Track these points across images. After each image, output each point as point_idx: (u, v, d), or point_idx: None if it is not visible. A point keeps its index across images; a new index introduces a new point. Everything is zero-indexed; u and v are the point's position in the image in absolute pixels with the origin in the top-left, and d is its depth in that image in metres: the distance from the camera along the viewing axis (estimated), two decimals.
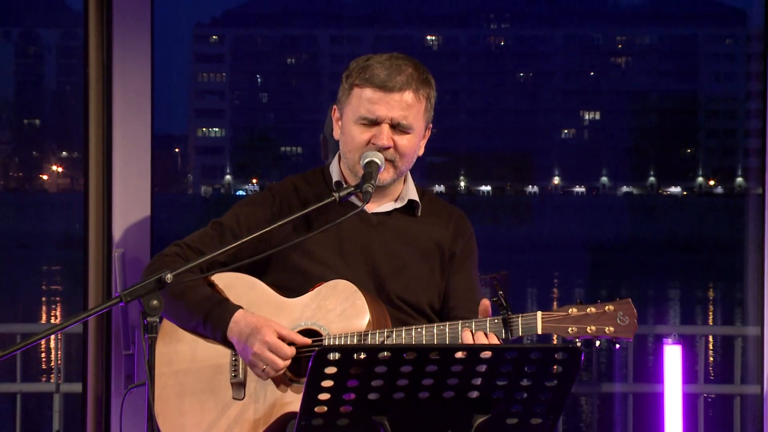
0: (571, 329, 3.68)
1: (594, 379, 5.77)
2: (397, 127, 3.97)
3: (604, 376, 5.86)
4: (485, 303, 3.75)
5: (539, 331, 3.69)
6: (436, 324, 3.81)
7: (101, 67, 4.48)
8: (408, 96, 3.98)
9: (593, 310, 3.70)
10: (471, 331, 3.70)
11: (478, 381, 3.23)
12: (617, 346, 3.73)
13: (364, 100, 3.96)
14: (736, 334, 5.98)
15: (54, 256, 41.06)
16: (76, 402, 4.85)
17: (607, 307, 3.70)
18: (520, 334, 3.70)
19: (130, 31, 4.50)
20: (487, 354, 3.20)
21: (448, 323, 3.79)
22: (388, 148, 3.96)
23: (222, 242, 3.97)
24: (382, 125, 3.96)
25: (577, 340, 3.69)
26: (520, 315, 3.70)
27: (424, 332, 3.79)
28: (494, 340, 3.69)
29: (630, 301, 3.70)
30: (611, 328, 3.68)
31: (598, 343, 3.69)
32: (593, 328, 3.68)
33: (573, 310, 3.71)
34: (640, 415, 5.65)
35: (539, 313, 3.71)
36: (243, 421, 3.93)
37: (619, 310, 3.69)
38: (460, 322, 3.77)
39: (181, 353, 4.03)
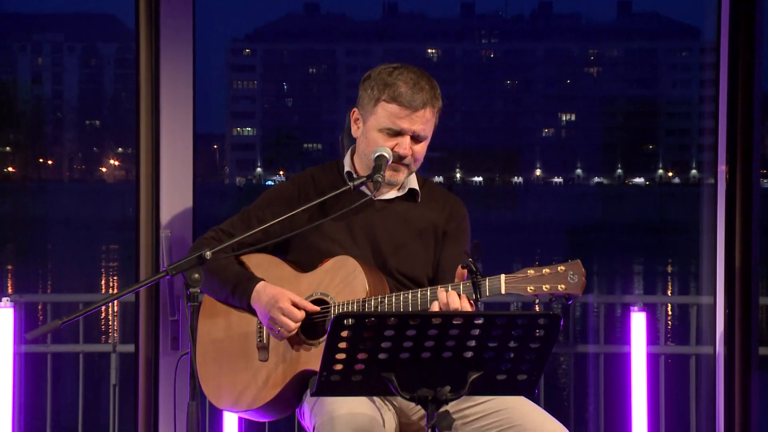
0: (530, 288, 3.67)
1: (570, 341, 5.77)
2: (415, 138, 3.97)
3: (579, 338, 5.85)
4: (460, 270, 3.74)
5: (503, 291, 3.67)
6: (419, 290, 3.81)
7: (150, 76, 4.46)
8: (427, 112, 3.97)
9: (547, 271, 3.69)
10: (445, 290, 3.70)
11: (472, 343, 3.21)
12: (570, 301, 3.74)
13: (390, 114, 3.94)
14: (691, 303, 5.93)
15: (111, 236, 41.01)
16: (130, 360, 4.83)
17: (559, 268, 3.68)
18: (488, 294, 3.68)
19: (174, 46, 4.48)
20: (482, 319, 3.20)
21: (429, 288, 3.79)
22: (407, 156, 3.96)
23: (250, 227, 3.96)
24: (405, 137, 3.95)
25: (536, 296, 3.67)
26: (487, 278, 3.69)
27: (410, 297, 3.79)
28: (465, 302, 3.68)
29: (579, 262, 3.69)
30: (563, 286, 3.66)
31: (553, 297, 3.68)
32: (548, 286, 3.66)
33: (531, 272, 3.70)
34: (610, 372, 5.63)
35: (503, 276, 3.70)
36: (267, 379, 3.93)
37: (569, 270, 3.67)
38: (439, 287, 3.76)
39: (217, 325, 4.04)
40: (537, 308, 3.66)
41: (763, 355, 4.86)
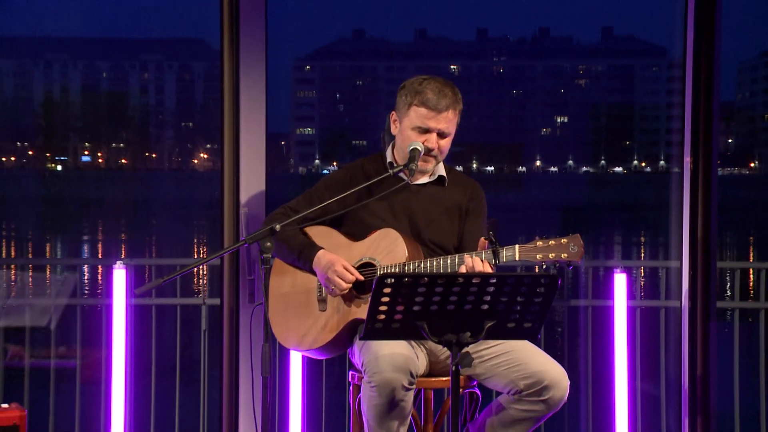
0: (539, 256, 3.69)
1: (565, 297, 5.72)
2: (440, 134, 3.99)
3: (572, 294, 5.82)
4: (482, 240, 3.77)
5: (517, 258, 3.71)
6: (449, 256, 3.84)
7: (232, 88, 4.45)
8: (450, 114, 3.99)
9: (553, 242, 3.71)
10: (470, 256, 3.73)
11: (487, 298, 3.21)
12: (570, 267, 3.75)
13: (420, 115, 3.97)
14: (661, 266, 5.89)
15: (201, 213, 41.16)
16: (216, 311, 4.83)
17: (562, 240, 3.70)
18: (504, 260, 3.70)
19: (251, 63, 4.47)
20: (495, 279, 3.20)
21: (457, 255, 3.83)
22: (434, 149, 3.98)
23: (311, 205, 3.98)
24: (432, 133, 3.98)
25: (543, 263, 3.70)
26: (505, 247, 3.72)
27: (441, 261, 3.81)
28: (487, 266, 3.71)
29: (578, 236, 3.72)
30: (566, 255, 3.68)
31: (557, 264, 3.69)
32: (553, 255, 3.68)
33: (539, 243, 3.71)
34: (596, 322, 5.58)
35: (517, 246, 3.73)
36: (326, 325, 3.94)
37: (571, 242, 3.69)
38: (465, 254, 3.79)
39: (285, 282, 4.04)
40: (537, 270, 3.68)
41: (719, 308, 4.82)
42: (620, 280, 4.42)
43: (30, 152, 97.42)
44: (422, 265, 3.83)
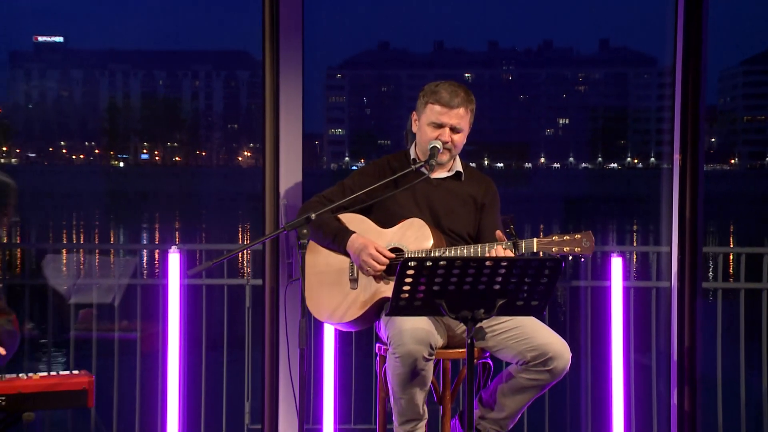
0: (554, 248, 3.70)
1: (567, 278, 5.71)
2: (453, 129, 3.99)
3: (574, 275, 5.81)
4: (499, 233, 3.78)
5: (535, 250, 3.71)
6: (472, 245, 3.83)
7: (273, 94, 4.45)
8: (461, 110, 3.98)
9: (567, 237, 3.71)
10: (502, 247, 3.73)
11: (499, 279, 3.21)
12: (582, 259, 3.76)
13: (435, 112, 3.97)
14: (652, 251, 5.87)
15: (245, 204, 41.25)
16: (258, 290, 4.84)
17: (576, 236, 3.71)
18: (523, 251, 3.71)
19: (289, 71, 4.47)
20: (505, 264, 3.20)
21: (479, 245, 3.82)
22: (449, 142, 3.98)
23: (344, 195, 3.99)
24: (446, 128, 3.98)
25: (558, 255, 3.67)
26: (524, 240, 3.72)
27: (465, 250, 3.81)
28: (509, 253, 3.70)
29: (590, 233, 3.72)
30: (578, 249, 3.69)
31: (570, 257, 3.69)
32: (568, 248, 3.69)
33: (555, 237, 3.72)
34: (595, 300, 5.57)
35: (535, 239, 3.73)
36: (356, 301, 3.93)
37: (583, 237, 3.70)
38: (487, 244, 3.79)
39: (319, 262, 4.03)
40: (540, 254, 3.68)
41: (704, 287, 4.80)
42: (616, 263, 4.41)
43: (96, 151, 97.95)
44: (446, 253, 3.82)
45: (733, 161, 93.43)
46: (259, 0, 4.41)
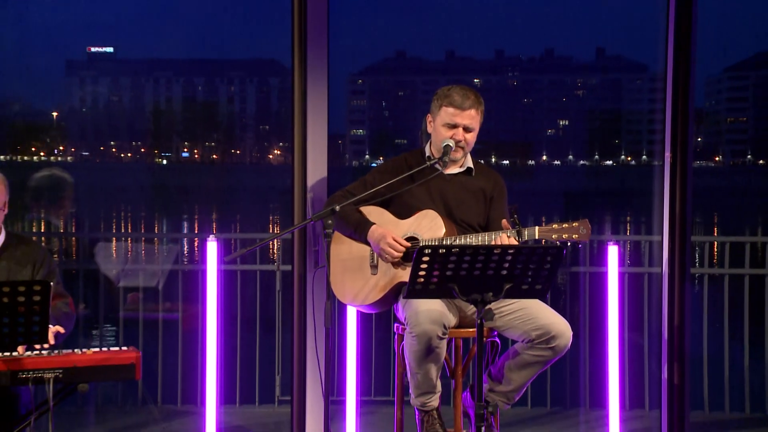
0: (554, 236, 3.67)
1: (568, 264, 5.69)
2: (466, 129, 3.97)
3: (574, 262, 5.80)
4: (505, 222, 3.77)
5: (537, 237, 3.69)
6: (479, 234, 3.81)
7: (301, 97, 4.44)
8: (472, 112, 3.97)
9: (566, 225, 3.68)
10: (506, 235, 3.71)
11: (506, 265, 3.20)
12: (579, 245, 3.76)
13: (449, 114, 3.96)
14: (645, 240, 5.85)
15: (275, 197, 41.23)
16: (287, 275, 4.84)
17: (574, 224, 3.68)
18: (526, 238, 3.68)
19: (316, 78, 4.46)
20: (512, 250, 3.19)
21: (486, 233, 3.81)
22: (461, 140, 3.97)
23: (365, 189, 3.97)
24: (459, 128, 3.96)
25: (558, 241, 3.66)
26: (527, 228, 3.69)
27: (473, 238, 3.79)
28: (513, 242, 3.68)
29: (587, 221, 3.68)
30: (576, 235, 3.66)
31: (569, 243, 3.66)
32: (566, 235, 3.66)
33: (555, 225, 3.69)
34: (593, 284, 5.55)
35: (537, 227, 3.72)
36: (376, 286, 3.92)
37: (581, 225, 3.67)
38: (494, 232, 3.77)
39: (343, 250, 4.03)
40: (543, 241, 3.66)
41: (693, 273, 4.78)
42: (613, 251, 4.38)
43: (142, 150, 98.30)
44: (457, 241, 3.80)
45: (717, 159, 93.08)
46: (289, 13, 4.41)
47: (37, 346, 3.62)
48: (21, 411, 3.75)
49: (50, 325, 3.63)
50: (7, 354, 3.58)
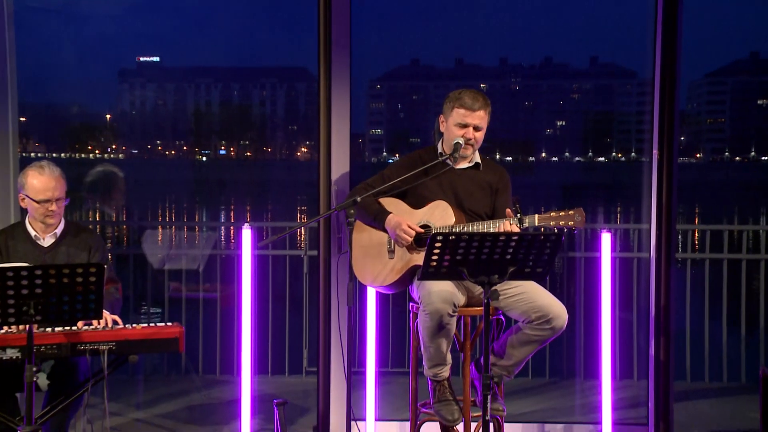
0: (552, 222, 3.64)
1: (565, 250, 5.67)
2: (475, 128, 3.95)
3: (570, 247, 5.78)
4: (509, 210, 3.72)
5: (536, 224, 3.66)
6: (485, 221, 3.78)
7: (326, 101, 4.44)
8: (481, 113, 3.95)
9: (563, 213, 3.66)
10: (509, 222, 3.68)
11: (510, 250, 3.19)
12: (575, 231, 3.72)
13: (460, 114, 3.94)
14: (634, 228, 5.82)
15: (302, 190, 41.24)
16: (314, 259, 4.84)
17: (569, 212, 3.65)
18: (526, 225, 3.66)
19: (339, 83, 4.45)
20: (516, 237, 3.17)
21: (492, 221, 3.78)
22: (471, 139, 3.95)
23: (383, 182, 3.96)
24: (469, 127, 3.94)
25: (556, 228, 3.64)
26: (527, 216, 3.67)
27: (478, 226, 3.76)
28: (515, 229, 3.66)
29: (581, 209, 3.66)
30: (572, 222, 3.63)
31: (566, 230, 3.63)
32: (563, 222, 3.63)
33: (553, 213, 3.67)
34: (588, 268, 5.53)
35: (537, 215, 3.69)
36: (393, 269, 3.91)
37: (576, 213, 3.64)
38: (498, 220, 3.75)
39: (364, 237, 4.01)
40: (542, 229, 3.64)
41: (677, 257, 4.76)
42: (606, 238, 4.35)
43: (185, 148, 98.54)
44: (466, 229, 3.78)
45: (698, 155, 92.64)
46: (316, 26, 4.40)
47: (94, 322, 3.65)
48: (80, 378, 3.78)
49: (105, 310, 3.67)
50: (68, 328, 3.61)
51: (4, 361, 3.52)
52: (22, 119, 4.61)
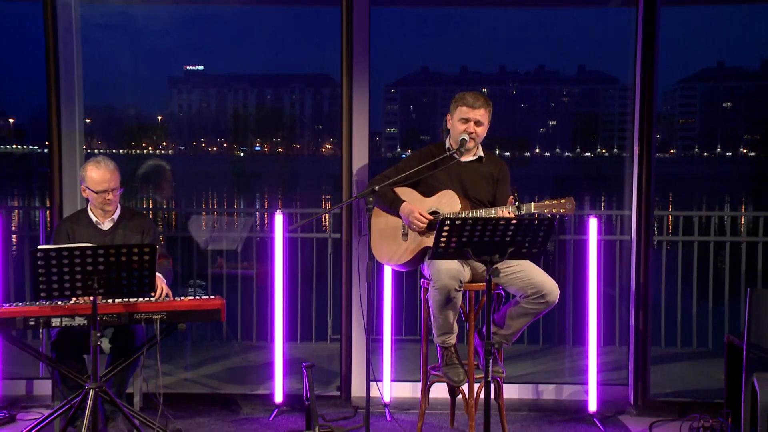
0: (546, 210, 3.59)
1: (556, 233, 5.64)
2: (476, 123, 3.92)
3: (561, 231, 5.75)
4: (510, 198, 3.68)
5: (532, 211, 3.61)
6: (487, 209, 3.74)
7: (348, 103, 4.42)
8: (482, 110, 3.92)
9: (555, 201, 3.61)
10: (503, 209, 3.65)
11: (509, 233, 3.17)
12: (566, 218, 3.70)
13: (463, 111, 3.91)
14: (617, 214, 5.78)
15: (327, 181, 41.21)
16: (337, 241, 4.83)
17: (561, 200, 3.60)
18: (523, 212, 3.61)
19: (359, 88, 4.43)
20: (514, 221, 3.15)
21: (493, 208, 3.75)
22: (473, 132, 3.92)
23: (398, 173, 3.94)
24: (471, 122, 3.91)
25: (549, 215, 3.60)
26: (524, 204, 3.62)
27: (483, 212, 3.72)
28: (513, 214, 3.62)
29: (572, 198, 3.62)
30: (563, 209, 3.58)
31: (558, 216, 3.60)
32: (555, 209, 3.59)
33: (547, 202, 3.62)
34: (577, 249, 5.49)
35: (533, 203, 3.64)
36: (407, 249, 3.89)
37: (567, 202, 3.60)
38: (499, 207, 3.71)
39: (381, 221, 3.99)
40: (536, 215, 3.61)
41: (655, 240, 4.73)
42: (593, 223, 4.33)
43: (225, 144, 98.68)
44: (470, 214, 3.76)
45: (672, 151, 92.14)
46: (339, 39, 4.38)
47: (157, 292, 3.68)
48: (136, 343, 3.81)
49: (162, 280, 3.69)
50: (126, 300, 3.63)
51: (73, 327, 3.58)
52: (87, 120, 4.63)
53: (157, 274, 3.73)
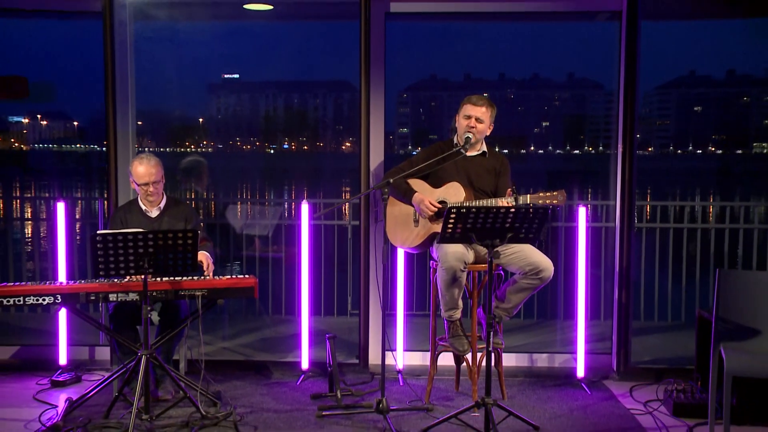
0: (540, 201, 3.57)
1: (550, 220, 5.60)
2: (477, 120, 3.91)
3: (554, 218, 5.72)
4: (509, 190, 3.65)
5: (528, 202, 3.58)
6: (490, 199, 3.73)
7: (366, 106, 4.41)
8: (483, 108, 3.91)
9: (549, 193, 3.59)
10: (502, 200, 3.64)
11: (509, 221, 3.15)
12: (558, 208, 3.67)
13: (467, 108, 3.91)
14: (603, 204, 5.74)
15: (347, 174, 41.17)
16: (356, 228, 4.82)
17: (554, 193, 3.59)
18: (520, 203, 3.58)
19: (376, 93, 4.41)
20: (512, 210, 3.12)
21: (495, 198, 3.75)
22: (474, 127, 3.90)
23: (411, 167, 3.92)
24: (472, 118, 3.90)
25: (543, 205, 3.57)
26: (522, 195, 3.60)
27: (486, 202, 3.70)
28: (512, 204, 3.60)
29: (564, 191, 3.60)
30: (556, 201, 3.55)
31: (551, 206, 3.56)
32: (548, 201, 3.56)
33: (541, 194, 3.60)
34: (568, 234, 5.46)
35: (529, 195, 3.62)
36: (418, 234, 3.88)
37: (559, 194, 3.58)
38: (500, 198, 3.71)
39: (395, 210, 3.98)
40: (531, 205, 3.59)
41: (636, 226, 4.69)
42: (582, 211, 4.30)
43: (257, 143, 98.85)
44: (474, 203, 3.74)
45: (650, 149, 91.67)
46: (358, 49, 4.36)
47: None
48: (181, 316, 3.84)
49: (209, 258, 3.78)
50: (172, 278, 3.64)
51: (127, 302, 3.60)
52: (139, 123, 4.65)
53: (204, 253, 3.80)
